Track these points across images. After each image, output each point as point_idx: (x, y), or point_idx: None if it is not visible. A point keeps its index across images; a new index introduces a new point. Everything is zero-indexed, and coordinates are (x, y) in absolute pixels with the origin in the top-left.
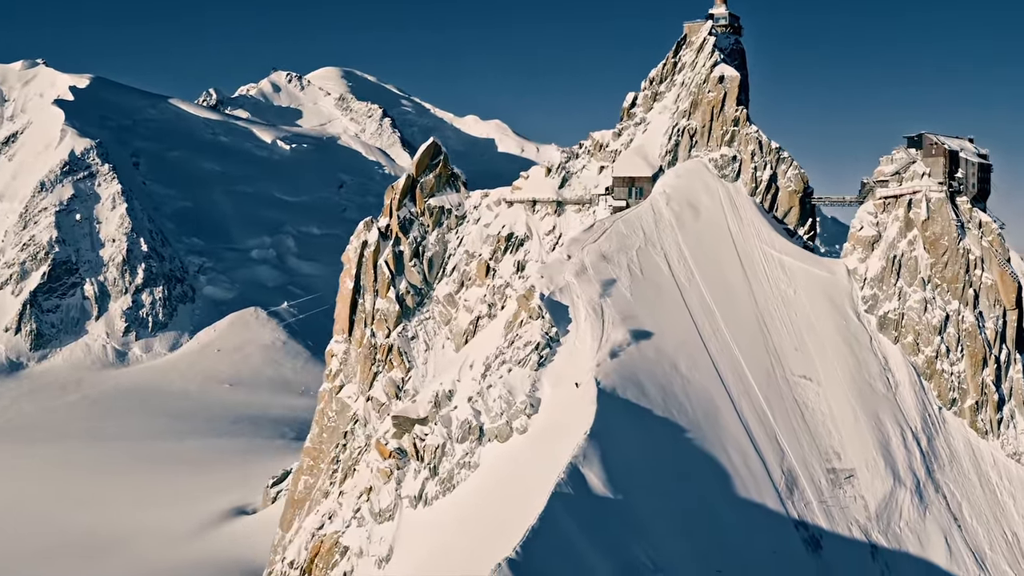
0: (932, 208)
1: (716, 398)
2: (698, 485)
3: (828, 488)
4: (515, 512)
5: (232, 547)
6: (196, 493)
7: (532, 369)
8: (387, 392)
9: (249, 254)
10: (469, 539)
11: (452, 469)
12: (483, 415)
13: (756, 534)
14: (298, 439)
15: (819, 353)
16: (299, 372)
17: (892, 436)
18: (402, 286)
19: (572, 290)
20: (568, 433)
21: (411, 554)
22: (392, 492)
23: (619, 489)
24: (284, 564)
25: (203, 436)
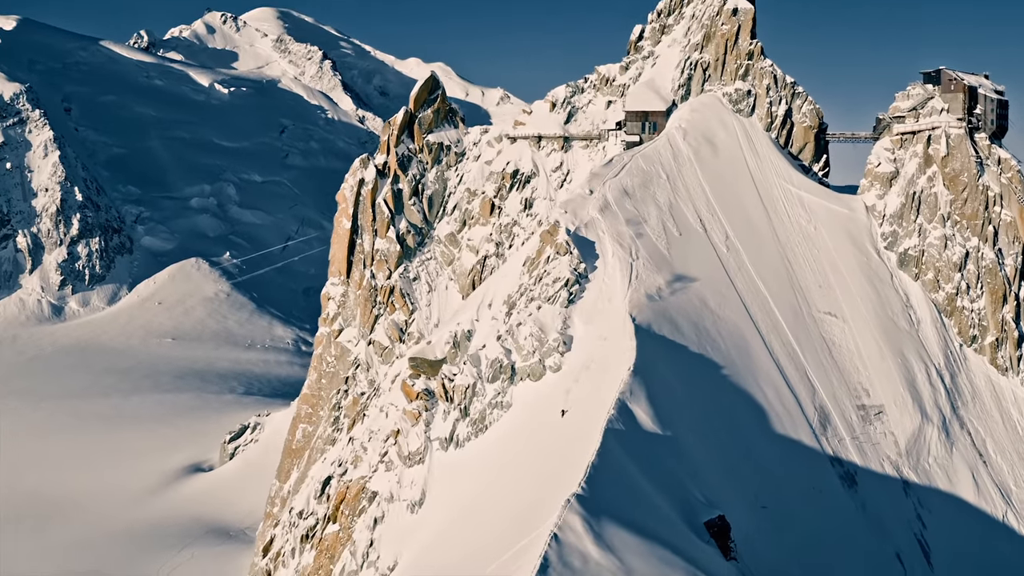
0: (952, 144)
1: (747, 335)
2: (737, 422)
3: (859, 424)
4: (556, 451)
5: (192, 505)
6: (147, 451)
7: (562, 306)
8: (390, 335)
9: (188, 203)
10: (508, 480)
11: (484, 409)
12: (514, 354)
13: (795, 470)
14: (247, 394)
15: (843, 290)
16: (244, 325)
17: (917, 373)
18: (402, 225)
19: (597, 226)
20: (606, 370)
21: (446, 497)
22: (421, 435)
23: (667, 425)
24: (292, 515)
25: (148, 392)
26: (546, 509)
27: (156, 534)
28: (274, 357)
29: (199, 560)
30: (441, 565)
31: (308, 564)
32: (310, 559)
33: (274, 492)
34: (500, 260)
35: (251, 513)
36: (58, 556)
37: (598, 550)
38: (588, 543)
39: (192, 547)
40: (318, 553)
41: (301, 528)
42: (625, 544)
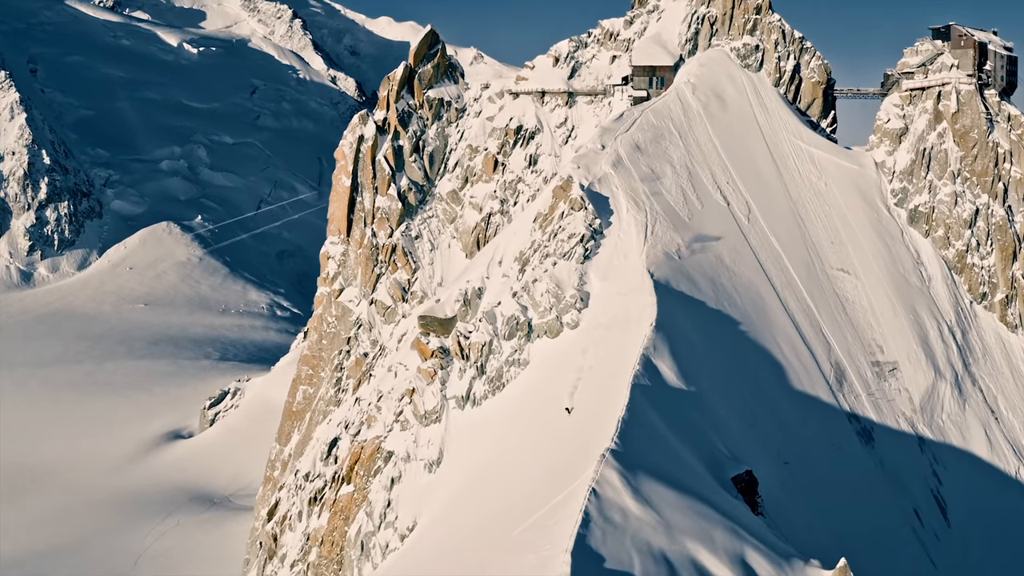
0: (962, 101)
1: (762, 292)
2: (757, 378)
3: (874, 381)
4: (579, 408)
5: (174, 472)
6: (124, 418)
7: (578, 262)
8: (392, 295)
9: (158, 165)
10: (531, 438)
11: (500, 367)
12: (530, 310)
13: (814, 427)
14: (223, 359)
15: (854, 246)
16: (218, 290)
17: (930, 329)
18: (403, 183)
19: (611, 181)
20: (627, 326)
21: (465, 456)
22: (437, 393)
23: (691, 380)
24: (298, 477)
25: (122, 359)
26: (577, 465)
27: (139, 502)
28: (249, 322)
29: (185, 527)
30: (466, 524)
31: (320, 526)
32: (322, 521)
33: (274, 455)
34: (505, 217)
35: (235, 479)
36: (40, 527)
37: (636, 504)
38: (626, 497)
39: (177, 514)
40: (332, 515)
41: (308, 491)
42: (662, 498)
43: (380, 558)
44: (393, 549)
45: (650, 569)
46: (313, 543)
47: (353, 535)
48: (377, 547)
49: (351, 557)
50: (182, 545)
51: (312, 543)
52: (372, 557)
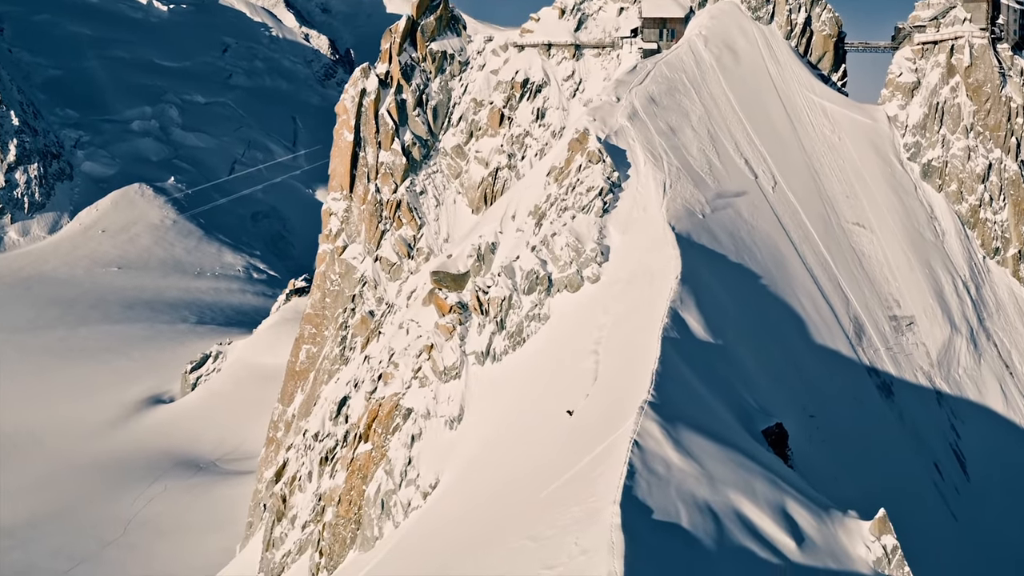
0: (975, 54)
1: (781, 246)
2: (779, 331)
3: (892, 335)
4: (604, 362)
5: (157, 438)
6: (103, 384)
7: (597, 216)
8: (397, 251)
9: (129, 126)
10: (555, 392)
11: (520, 322)
12: (550, 264)
13: (836, 380)
14: (201, 323)
15: (869, 201)
16: (192, 252)
17: (945, 284)
18: (407, 137)
19: (627, 133)
20: (648, 279)
21: (486, 412)
22: (456, 349)
23: (717, 334)
24: (306, 438)
25: (97, 323)
26: (611, 418)
27: (123, 468)
28: (225, 285)
29: (173, 493)
30: (494, 481)
31: (335, 486)
32: (337, 481)
33: (276, 416)
34: (513, 172)
35: (220, 444)
36: (25, 495)
37: (678, 456)
38: (668, 449)
39: (163, 480)
40: (349, 474)
41: (318, 450)
42: (703, 449)
43: (402, 516)
44: (416, 507)
45: (696, 520)
46: (328, 503)
47: (372, 494)
48: (398, 505)
49: (370, 516)
50: (171, 510)
51: (327, 503)
52: (393, 515)
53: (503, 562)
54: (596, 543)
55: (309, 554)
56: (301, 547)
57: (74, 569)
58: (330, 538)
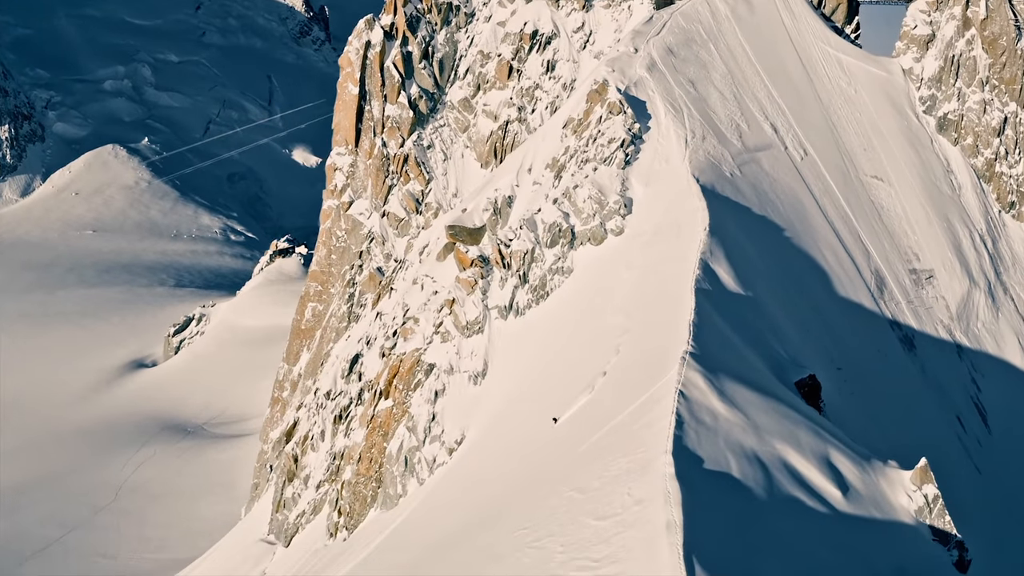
0: (991, 7)
1: (801, 198)
2: (804, 284)
3: (912, 289)
4: (633, 315)
5: (141, 402)
6: (82, 348)
7: (619, 168)
8: (405, 206)
9: (101, 86)
10: (578, 345)
11: (544, 276)
12: (572, 217)
13: (860, 333)
14: (179, 286)
15: (886, 154)
16: (168, 215)
17: (963, 238)
18: (413, 91)
19: (646, 85)
20: (674, 231)
21: (511, 367)
22: (478, 303)
23: (747, 285)
24: (318, 396)
25: (73, 287)
26: (651, 369)
27: (108, 433)
28: (203, 247)
29: (162, 457)
30: (525, 435)
31: (353, 443)
32: (355, 439)
33: (282, 376)
34: (523, 125)
35: (207, 407)
36: (8, 462)
37: (724, 406)
38: (713, 399)
39: (151, 445)
40: (369, 431)
41: (330, 409)
42: (746, 400)
43: (427, 473)
44: (441, 463)
45: (746, 470)
46: (346, 461)
47: (394, 451)
48: (423, 462)
49: (393, 473)
50: (161, 475)
51: (345, 461)
52: (417, 472)
53: (549, 514)
54: (650, 493)
55: (326, 513)
56: (316, 507)
57: (66, 536)
58: (350, 497)
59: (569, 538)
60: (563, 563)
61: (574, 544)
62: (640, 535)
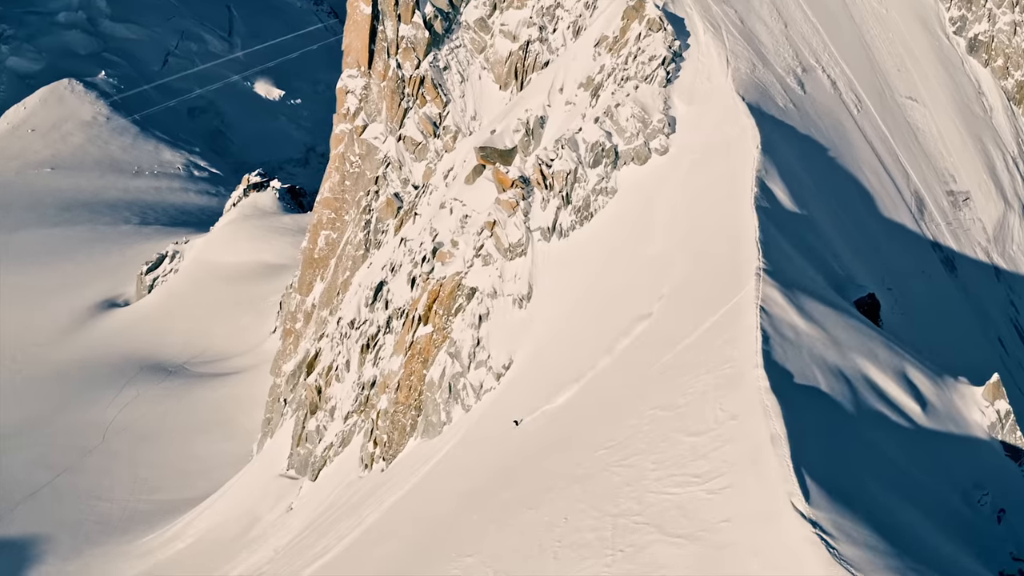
0: None
1: (841, 118)
2: (851, 204)
3: (950, 210)
4: (686, 234)
5: (117, 342)
6: (50, 289)
7: (660, 86)
8: (423, 130)
9: (55, 18)
10: (628, 266)
11: (587, 196)
12: (615, 136)
13: (905, 254)
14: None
15: (919, 75)
16: (128, 151)
17: (996, 160)
18: (428, 9)
19: (683, 1)
20: (723, 149)
21: (557, 289)
22: (520, 225)
23: (801, 204)
24: (341, 326)
25: (34, 227)
26: (720, 286)
27: (87, 375)
28: (166, 184)
29: (147, 398)
30: (582, 356)
31: (385, 371)
32: (390, 366)
33: (294, 307)
34: (544, 45)
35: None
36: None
37: (804, 321)
38: (793, 314)
39: (133, 385)
40: (408, 358)
41: (355, 338)
42: (822, 315)
43: (473, 399)
44: (488, 389)
45: (832, 384)
46: (380, 391)
47: (436, 378)
48: (468, 388)
49: (436, 401)
50: (148, 416)
51: (379, 391)
52: (463, 399)
53: (632, 433)
54: (746, 407)
55: (359, 444)
56: (344, 439)
57: (56, 480)
58: (387, 427)
59: (661, 455)
60: (659, 479)
61: (668, 461)
62: (742, 449)
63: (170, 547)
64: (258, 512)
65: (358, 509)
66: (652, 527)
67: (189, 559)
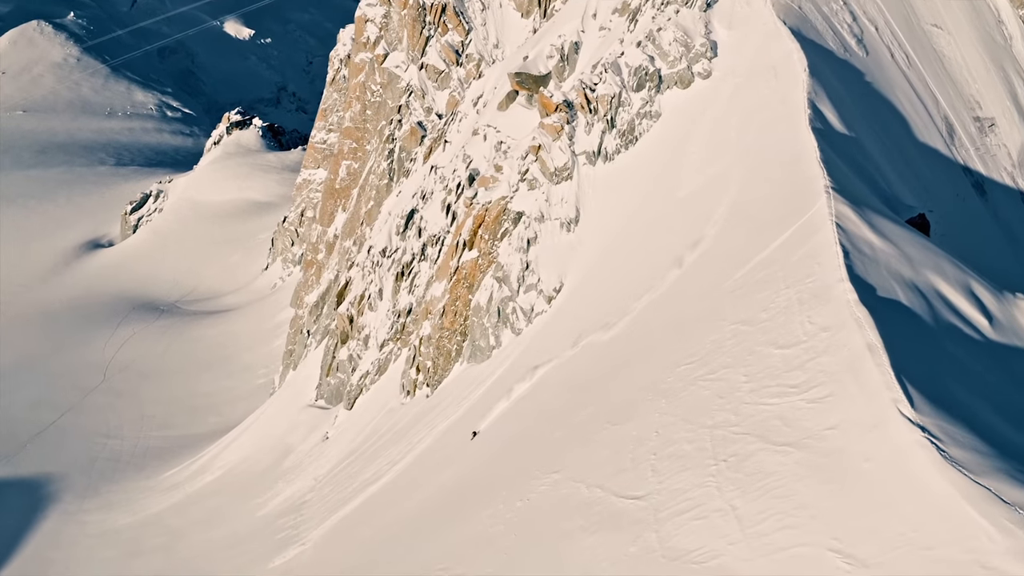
0: None
1: (873, 45)
2: (890, 127)
3: (978, 136)
4: (734, 157)
5: (105, 283)
6: (32, 231)
7: (700, 10)
8: (445, 58)
9: None
10: (674, 189)
11: (632, 120)
12: (658, 60)
13: (941, 178)
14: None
15: (942, 2)
16: (100, 92)
17: (1018, 87)
18: None
19: None
20: (769, 73)
21: (606, 212)
22: (566, 149)
23: (849, 127)
24: (372, 254)
25: (10, 169)
26: (788, 204)
27: (78, 315)
28: (139, 124)
29: (144, 336)
30: (636, 281)
31: (432, 297)
32: (435, 292)
33: (316, 237)
34: None
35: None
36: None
37: (876, 237)
38: (866, 230)
39: (126, 325)
40: (453, 284)
41: (387, 267)
42: (891, 231)
43: (524, 323)
44: (540, 312)
45: (911, 298)
46: (422, 317)
47: (484, 302)
48: (518, 312)
49: (484, 325)
50: (148, 354)
51: (421, 317)
52: (512, 323)
53: (714, 348)
54: (836, 320)
55: (400, 371)
56: (381, 367)
57: (61, 419)
58: (432, 352)
59: (751, 368)
60: (753, 391)
61: (760, 373)
62: (839, 359)
63: (197, 480)
64: (290, 442)
65: (407, 435)
66: (754, 437)
67: (221, 490)
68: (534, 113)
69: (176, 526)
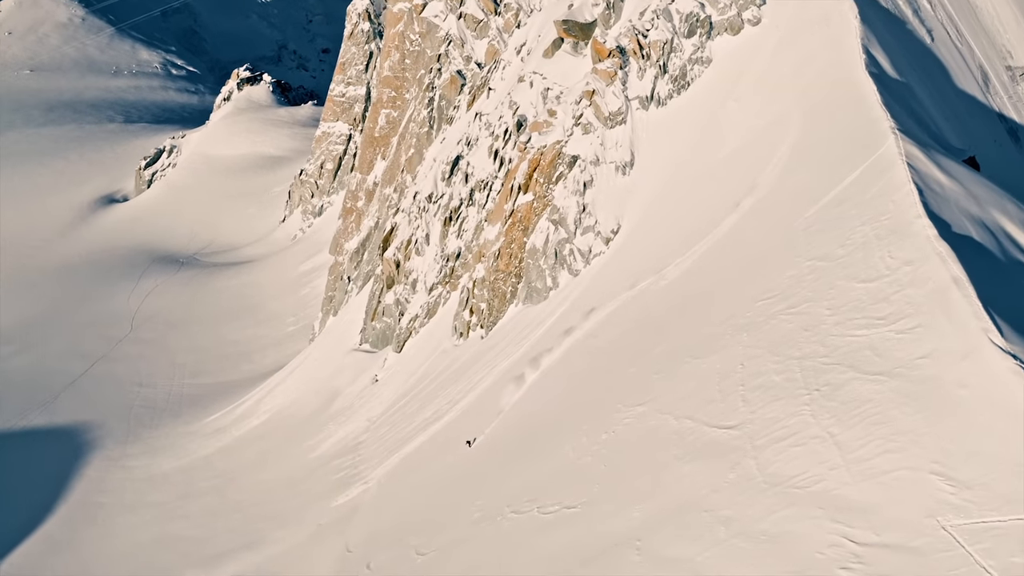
0: None
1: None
2: (933, 75)
3: (1010, 85)
4: (792, 100)
5: (123, 236)
6: (47, 187)
7: None
8: (483, 7)
9: None
10: (729, 132)
11: (683, 65)
12: (708, 7)
13: (980, 125)
14: (129, 121)
15: None
16: (105, 51)
17: None
18: None
19: None
20: (820, 21)
21: (661, 154)
22: (619, 94)
23: (900, 73)
24: (419, 200)
25: (22, 127)
26: (854, 144)
27: (98, 269)
28: (145, 83)
29: (167, 287)
30: (693, 224)
31: (486, 240)
32: (490, 235)
33: (355, 185)
34: None
35: (194, 237)
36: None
37: (944, 176)
38: (934, 169)
39: (148, 276)
40: (508, 227)
41: (433, 212)
42: (957, 172)
43: (582, 264)
44: (598, 253)
45: (982, 235)
46: (476, 260)
47: (540, 245)
48: (575, 254)
49: (540, 267)
50: (173, 305)
51: (474, 260)
52: (570, 264)
53: (793, 283)
54: (919, 254)
55: (452, 313)
56: (430, 310)
57: (93, 368)
58: (487, 295)
59: (835, 301)
60: (839, 323)
61: (844, 306)
62: (924, 292)
63: (243, 424)
64: (336, 385)
65: (464, 375)
66: (845, 367)
67: (269, 434)
68: (580, 60)
69: (226, 468)
